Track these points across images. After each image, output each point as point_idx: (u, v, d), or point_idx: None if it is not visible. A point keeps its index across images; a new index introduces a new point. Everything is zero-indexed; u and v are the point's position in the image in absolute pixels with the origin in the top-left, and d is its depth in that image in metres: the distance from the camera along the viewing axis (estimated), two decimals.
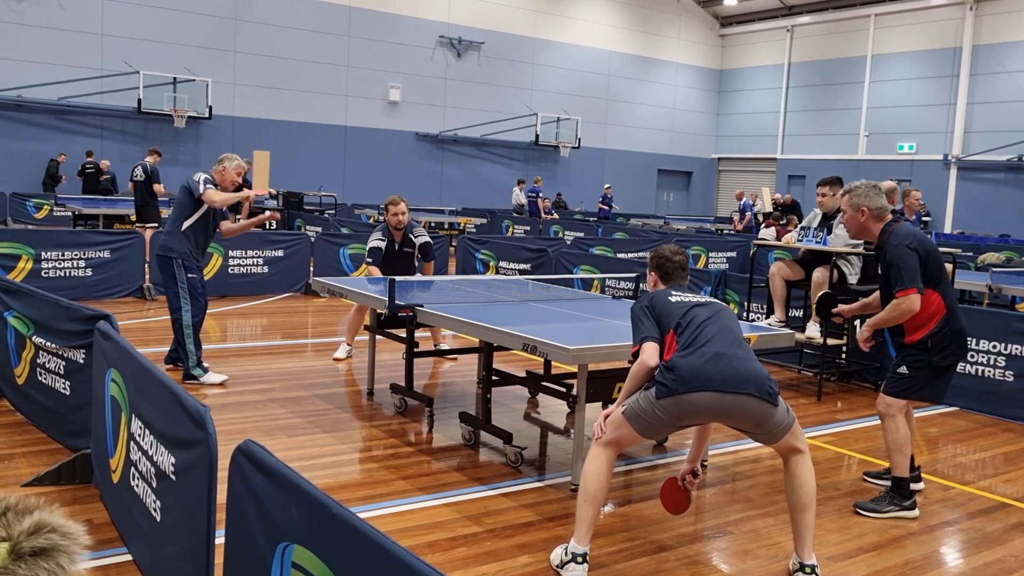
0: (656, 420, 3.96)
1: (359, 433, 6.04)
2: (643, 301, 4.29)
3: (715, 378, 3.86)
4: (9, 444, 5.35)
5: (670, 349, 4.06)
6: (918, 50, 30.24)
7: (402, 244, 8.23)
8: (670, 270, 4.49)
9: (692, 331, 4.02)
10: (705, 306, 4.19)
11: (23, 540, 1.43)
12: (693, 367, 3.88)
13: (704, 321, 4.06)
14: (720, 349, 3.95)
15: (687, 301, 4.21)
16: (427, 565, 1.90)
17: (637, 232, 19.27)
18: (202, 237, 7.20)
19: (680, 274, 4.49)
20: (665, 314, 4.16)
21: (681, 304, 4.18)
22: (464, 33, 29.20)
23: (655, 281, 4.53)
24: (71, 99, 22.58)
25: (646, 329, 4.16)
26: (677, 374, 3.88)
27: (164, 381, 3.29)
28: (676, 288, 4.40)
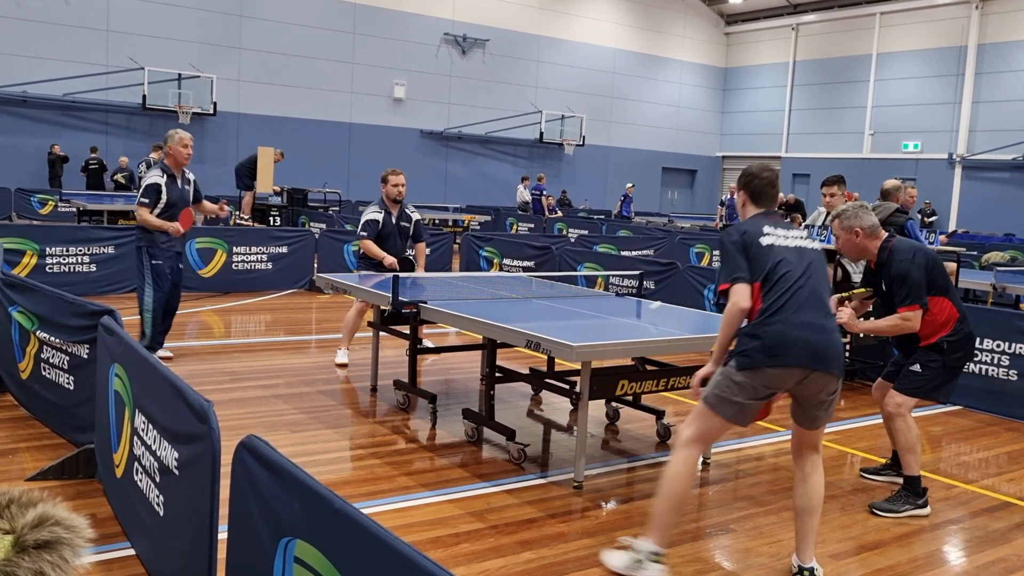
0: (743, 397, 3.79)
1: (362, 429, 6.04)
2: (735, 234, 3.95)
3: (803, 352, 3.71)
4: (13, 439, 5.36)
5: (755, 305, 3.83)
6: (923, 49, 30.17)
7: (399, 218, 8.03)
8: (759, 187, 4.13)
9: (780, 291, 3.78)
10: (797, 254, 3.89)
11: (27, 533, 1.43)
12: (780, 337, 3.70)
13: (795, 282, 3.80)
14: (809, 318, 3.76)
15: (779, 246, 3.89)
16: (429, 560, 1.90)
17: (641, 230, 19.26)
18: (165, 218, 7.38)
19: (770, 192, 4.12)
20: (755, 259, 3.87)
21: (772, 251, 3.87)
22: (469, 30, 29.19)
23: (744, 200, 4.19)
24: (76, 95, 22.60)
25: (738, 268, 3.86)
26: (763, 343, 3.71)
27: (168, 376, 3.30)
28: (770, 219, 4.03)
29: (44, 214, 20.25)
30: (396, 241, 7.98)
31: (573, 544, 4.27)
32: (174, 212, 7.44)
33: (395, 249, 7.92)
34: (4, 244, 8.95)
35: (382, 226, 7.89)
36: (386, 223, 7.93)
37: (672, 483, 3.87)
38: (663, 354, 5.90)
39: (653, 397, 6.91)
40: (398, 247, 7.96)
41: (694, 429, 3.93)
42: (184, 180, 7.62)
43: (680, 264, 10.95)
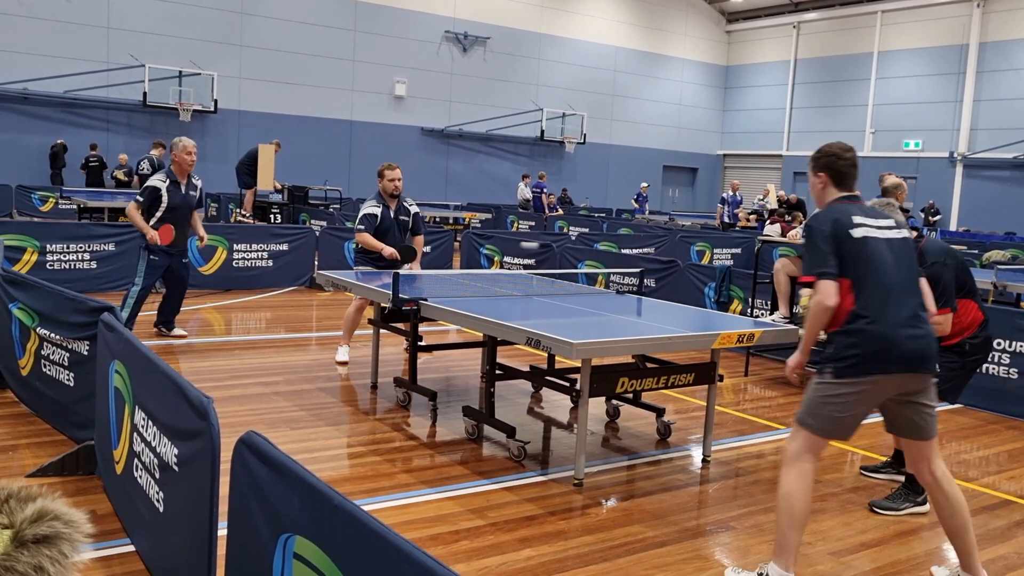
0: (841, 411, 3.62)
1: (362, 426, 6.04)
2: (823, 223, 3.71)
3: (908, 356, 3.55)
4: (13, 435, 5.36)
5: (844, 304, 3.62)
6: (925, 47, 30.16)
7: (397, 212, 7.89)
8: (843, 168, 3.86)
9: (877, 289, 3.60)
10: (888, 247, 3.68)
11: (26, 527, 1.43)
12: (884, 340, 3.53)
13: (892, 277, 3.61)
14: (909, 312, 3.59)
15: (872, 238, 3.67)
16: (429, 556, 1.90)
17: (641, 228, 19.25)
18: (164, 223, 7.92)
19: (853, 173, 3.86)
20: (846, 252, 3.64)
21: (865, 244, 3.64)
22: (470, 28, 29.17)
23: (825, 183, 3.91)
24: (77, 92, 22.61)
25: (824, 261, 3.62)
26: (865, 349, 3.54)
27: (168, 373, 3.30)
28: (857, 206, 3.79)
29: (45, 211, 20.25)
30: (395, 235, 7.89)
31: (573, 541, 4.27)
32: (175, 215, 7.94)
33: (394, 243, 7.88)
34: (5, 241, 8.95)
35: (380, 220, 7.79)
36: (384, 217, 7.81)
37: (789, 502, 3.66)
38: (663, 352, 5.89)
39: (653, 395, 6.92)
40: (397, 241, 7.91)
41: (798, 444, 3.72)
42: (190, 186, 8.13)
43: (681, 262, 10.95)
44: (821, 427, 3.67)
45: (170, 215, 7.88)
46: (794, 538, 3.65)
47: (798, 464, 3.69)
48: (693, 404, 7.17)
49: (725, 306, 9.90)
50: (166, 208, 7.86)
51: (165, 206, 7.85)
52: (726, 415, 6.92)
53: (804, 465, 3.68)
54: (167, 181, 7.92)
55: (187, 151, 7.96)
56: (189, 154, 7.96)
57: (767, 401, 7.56)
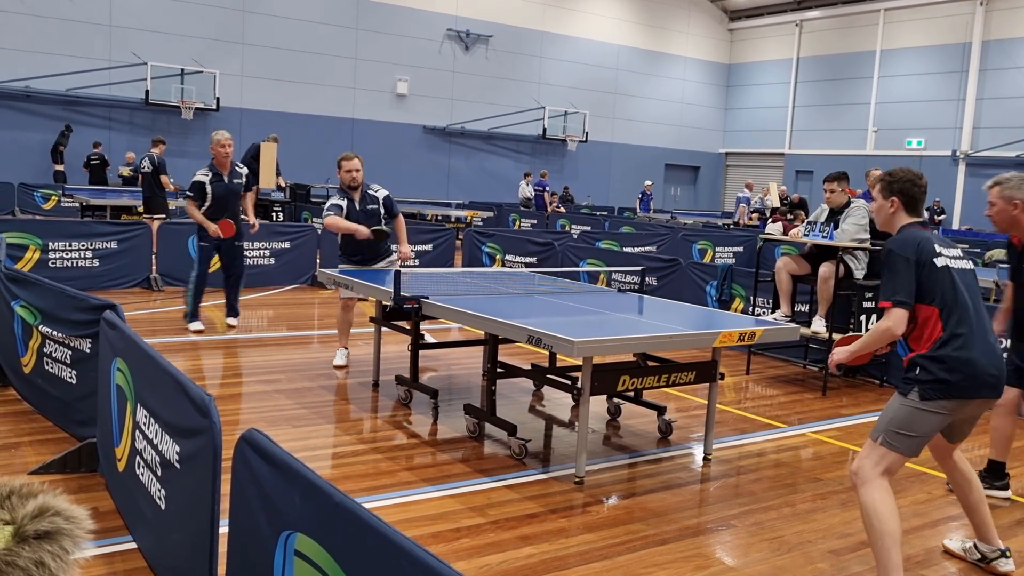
0: (921, 431, 3.67)
1: (364, 424, 6.05)
2: (908, 249, 3.68)
3: (990, 382, 3.67)
4: (16, 432, 5.38)
5: (931, 330, 3.66)
6: (927, 45, 30.12)
7: (363, 202, 7.68)
8: (917, 195, 3.88)
9: (964, 318, 3.65)
10: (964, 276, 3.75)
11: (27, 523, 1.43)
12: (971, 368, 3.61)
13: (973, 307, 3.69)
14: (991, 340, 3.72)
15: (955, 268, 3.72)
16: (429, 554, 1.91)
17: (643, 226, 19.25)
18: (214, 215, 8.56)
19: (923, 200, 3.91)
20: (930, 282, 3.66)
21: (947, 273, 3.68)
22: (472, 26, 29.16)
23: (896, 208, 3.89)
24: (79, 90, 22.61)
25: (903, 289, 3.64)
26: (955, 375, 3.60)
27: (169, 371, 3.30)
28: (932, 234, 3.80)
29: (47, 209, 20.27)
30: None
31: (574, 539, 4.28)
32: (221, 205, 8.59)
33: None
34: (7, 238, 8.96)
35: (347, 214, 7.54)
36: (350, 210, 7.58)
37: (878, 522, 3.65)
38: (664, 350, 5.90)
39: (654, 393, 6.92)
40: None
41: (875, 462, 3.73)
42: (233, 175, 8.76)
43: (682, 260, 10.95)
44: (904, 447, 3.71)
45: (217, 203, 8.55)
46: (894, 556, 3.64)
47: (876, 482, 3.71)
48: (694, 402, 7.17)
49: (727, 305, 9.90)
50: (211, 199, 8.54)
51: (210, 198, 8.53)
52: (727, 413, 6.93)
53: (883, 482, 3.71)
54: (209, 174, 8.59)
55: (220, 144, 8.61)
56: (223, 146, 8.59)
57: (768, 400, 7.56)
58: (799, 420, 6.89)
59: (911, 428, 3.67)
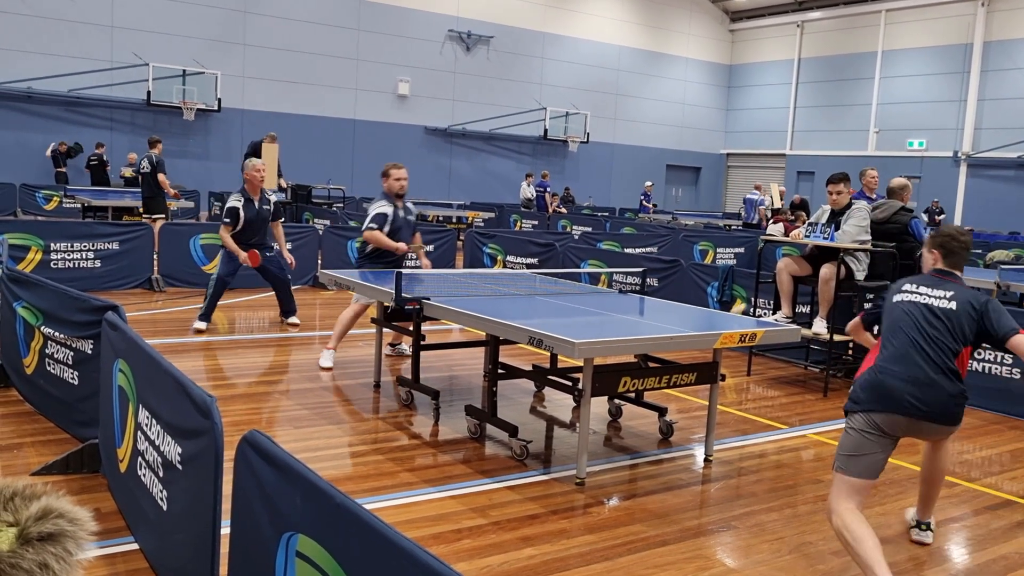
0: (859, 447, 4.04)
1: (365, 425, 6.06)
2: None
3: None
4: (18, 433, 5.38)
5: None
6: (929, 46, 30.12)
7: (405, 212, 7.90)
8: (955, 248, 4.34)
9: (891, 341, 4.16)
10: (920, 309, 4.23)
11: (31, 525, 1.44)
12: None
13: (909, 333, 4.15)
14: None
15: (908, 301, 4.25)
16: (431, 555, 1.91)
17: (644, 227, 19.25)
18: (243, 239, 8.94)
19: (964, 256, 4.37)
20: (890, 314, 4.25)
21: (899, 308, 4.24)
22: (473, 27, 29.18)
23: (936, 259, 4.37)
24: (81, 91, 22.64)
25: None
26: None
27: (171, 372, 3.31)
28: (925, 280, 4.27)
29: (49, 210, 20.30)
30: (406, 235, 7.91)
31: (575, 540, 4.28)
32: (251, 230, 8.94)
33: (406, 243, 7.91)
34: (9, 239, 8.97)
35: (392, 220, 7.73)
36: (395, 217, 7.76)
37: (854, 542, 3.76)
38: (666, 351, 5.90)
39: (655, 394, 6.93)
40: (408, 241, 7.94)
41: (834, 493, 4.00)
42: (263, 201, 9.08)
43: (684, 261, 10.95)
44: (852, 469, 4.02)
45: (248, 228, 8.90)
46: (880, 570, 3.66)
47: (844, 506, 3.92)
48: (695, 403, 7.17)
49: (728, 306, 9.90)
50: (244, 223, 8.85)
51: (243, 222, 8.84)
52: (728, 415, 6.93)
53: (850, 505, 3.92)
54: (242, 200, 8.90)
55: (256, 169, 8.97)
56: (258, 171, 8.93)
57: (769, 401, 7.56)
58: (800, 421, 6.89)
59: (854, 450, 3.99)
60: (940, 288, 4.16)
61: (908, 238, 8.26)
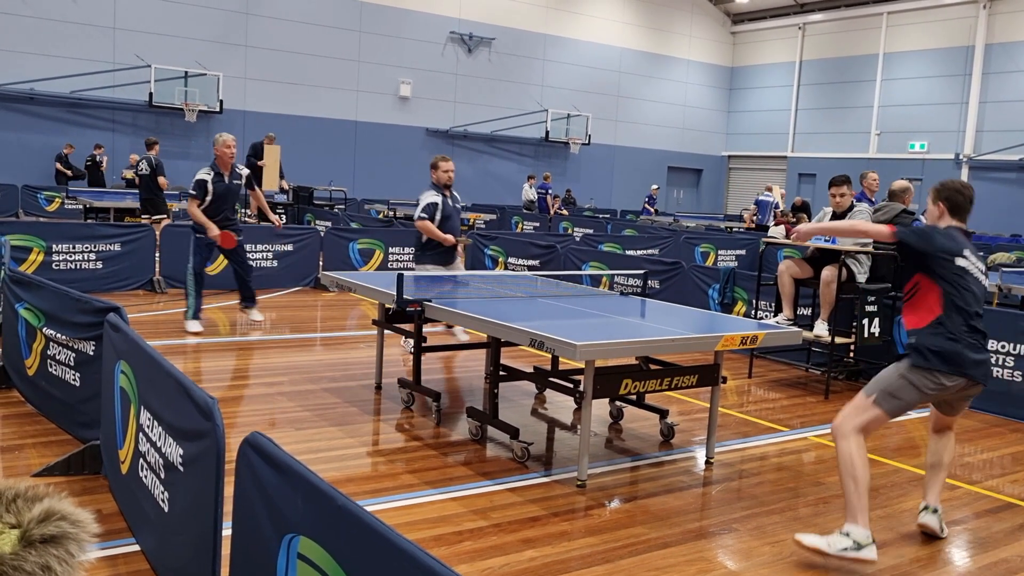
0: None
1: (366, 427, 6.06)
2: (938, 230, 4.38)
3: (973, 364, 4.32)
4: (19, 434, 5.39)
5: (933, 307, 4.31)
6: (930, 48, 30.10)
7: (453, 201, 8.30)
8: (961, 203, 4.48)
9: (961, 307, 4.30)
10: (978, 277, 4.44)
11: (33, 527, 1.44)
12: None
13: (974, 300, 4.36)
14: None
15: (971, 271, 4.35)
16: (432, 557, 1.91)
17: (646, 229, 19.25)
18: (212, 213, 8.80)
19: (969, 209, 4.51)
20: (945, 270, 4.34)
21: (967, 271, 4.32)
22: (475, 29, 29.19)
23: (942, 212, 4.51)
24: (83, 92, 22.66)
25: (909, 230, 4.49)
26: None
27: (173, 373, 3.31)
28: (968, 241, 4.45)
29: (51, 211, 20.31)
30: (456, 224, 8.20)
31: (576, 543, 4.28)
32: (220, 204, 8.85)
33: (455, 232, 8.18)
34: (11, 241, 8.98)
35: (442, 208, 8.04)
36: (445, 206, 8.08)
37: (852, 468, 4.17)
38: (667, 353, 5.89)
39: (657, 396, 6.92)
40: (457, 231, 8.21)
41: (853, 420, 4.30)
42: (234, 176, 9.01)
43: (685, 264, 10.95)
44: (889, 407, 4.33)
45: (217, 201, 8.81)
46: (864, 499, 4.16)
47: (856, 437, 4.25)
48: (696, 406, 7.17)
49: (729, 308, 9.90)
50: (212, 198, 8.77)
51: (211, 196, 8.76)
52: (729, 417, 6.93)
53: (860, 438, 4.26)
54: (212, 173, 8.84)
55: (226, 144, 8.92)
56: (228, 147, 8.90)
57: (771, 403, 7.56)
58: (801, 424, 6.88)
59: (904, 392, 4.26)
60: (980, 260, 4.39)
61: None
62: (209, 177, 8.82)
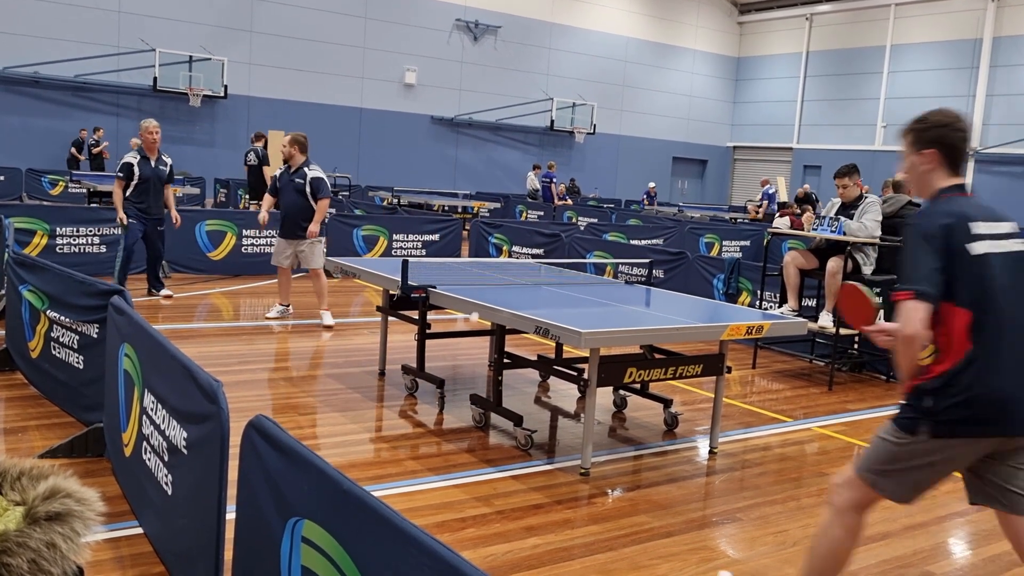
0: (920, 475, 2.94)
1: (370, 413, 6.05)
2: (932, 221, 2.84)
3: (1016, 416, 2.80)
4: (23, 417, 5.39)
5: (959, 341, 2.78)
6: (938, 41, 29.97)
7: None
8: (958, 143, 2.99)
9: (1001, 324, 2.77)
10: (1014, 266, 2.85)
11: (38, 504, 1.44)
12: (999, 394, 2.76)
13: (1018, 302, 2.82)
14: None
15: (997, 254, 2.82)
16: (437, 541, 1.90)
17: (650, 219, 19.21)
18: (136, 198, 9.29)
19: (965, 152, 3.03)
20: (962, 270, 2.79)
21: (988, 261, 2.80)
22: (481, 17, 29.09)
23: (935, 164, 2.99)
24: (87, 76, 22.62)
25: (925, 275, 2.75)
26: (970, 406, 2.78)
27: (177, 356, 3.31)
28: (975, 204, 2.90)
29: (54, 195, 20.30)
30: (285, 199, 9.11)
31: (579, 530, 4.28)
32: (147, 187, 9.29)
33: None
34: (15, 224, 8.98)
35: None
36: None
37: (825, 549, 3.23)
38: (671, 342, 5.89)
39: (661, 385, 6.91)
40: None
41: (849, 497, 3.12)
42: (159, 161, 9.49)
43: (690, 253, 10.92)
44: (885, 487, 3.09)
45: (142, 185, 9.25)
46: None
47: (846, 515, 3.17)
48: (700, 395, 7.16)
49: (734, 298, 9.88)
50: (138, 180, 9.22)
51: (137, 178, 9.21)
52: (733, 407, 6.92)
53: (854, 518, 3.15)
54: (138, 157, 9.33)
55: (147, 131, 9.32)
56: (150, 133, 9.30)
57: (774, 394, 7.55)
58: (805, 414, 6.87)
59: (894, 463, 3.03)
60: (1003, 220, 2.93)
61: None
62: (135, 160, 9.28)
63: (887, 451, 2.95)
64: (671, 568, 3.96)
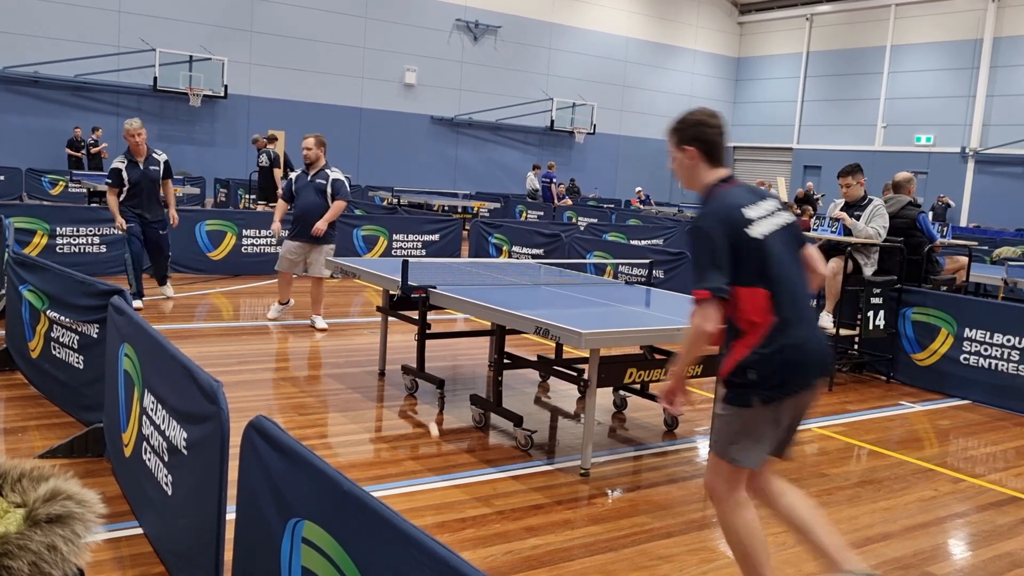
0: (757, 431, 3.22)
1: (370, 413, 6.05)
2: (713, 218, 3.14)
3: (817, 367, 3.26)
4: (23, 417, 5.39)
5: (763, 315, 3.08)
6: (938, 41, 29.98)
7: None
8: (714, 138, 3.32)
9: (788, 294, 3.12)
10: (784, 233, 3.22)
11: (39, 506, 1.43)
12: (799, 357, 3.16)
13: (795, 274, 3.19)
14: (813, 324, 3.27)
15: (770, 233, 3.16)
16: (437, 542, 1.90)
17: (650, 219, 19.21)
18: (131, 202, 8.98)
19: (723, 144, 3.36)
20: (748, 254, 3.09)
21: (765, 239, 3.13)
22: (481, 17, 29.09)
23: (695, 159, 3.36)
24: (87, 76, 22.62)
25: (717, 272, 3.05)
26: (781, 368, 3.12)
27: (177, 356, 3.30)
28: (744, 191, 3.25)
29: (54, 194, 20.30)
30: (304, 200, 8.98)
31: (579, 531, 4.28)
32: (137, 189, 8.92)
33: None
34: (15, 223, 8.97)
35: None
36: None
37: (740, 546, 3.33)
38: (672, 343, 5.88)
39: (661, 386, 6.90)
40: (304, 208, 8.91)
41: (718, 483, 3.32)
42: (150, 162, 9.06)
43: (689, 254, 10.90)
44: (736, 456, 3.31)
45: (134, 189, 8.92)
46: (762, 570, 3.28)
47: (727, 504, 3.36)
48: (700, 396, 7.16)
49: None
50: (130, 184, 8.90)
51: (128, 183, 8.89)
52: None
53: (737, 502, 3.34)
54: (125, 161, 8.95)
55: (129, 133, 8.92)
56: (132, 136, 8.89)
57: None
58: None
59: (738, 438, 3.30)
60: (766, 198, 3.26)
61: (916, 233, 8.26)
62: (123, 165, 8.92)
63: (733, 428, 3.24)
64: (671, 568, 3.96)
